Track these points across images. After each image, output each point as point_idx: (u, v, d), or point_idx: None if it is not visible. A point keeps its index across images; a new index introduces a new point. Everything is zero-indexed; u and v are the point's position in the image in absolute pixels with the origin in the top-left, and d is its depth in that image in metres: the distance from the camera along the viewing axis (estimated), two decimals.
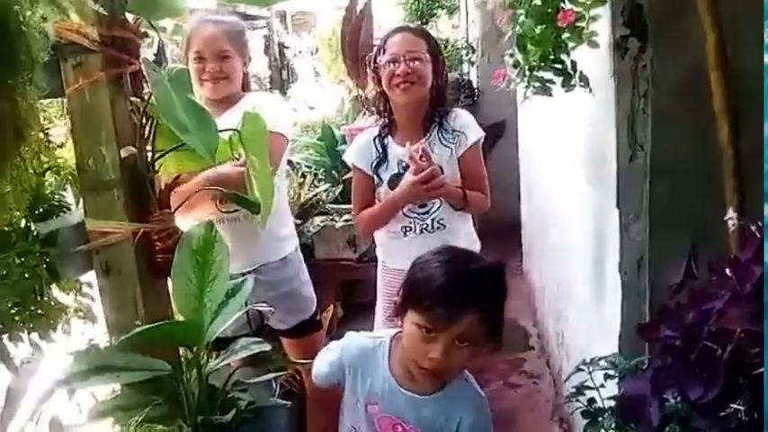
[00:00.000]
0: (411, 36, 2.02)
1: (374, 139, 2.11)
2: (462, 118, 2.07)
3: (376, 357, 1.38)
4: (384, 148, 2.08)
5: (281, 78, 6.76)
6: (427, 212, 2.03)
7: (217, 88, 2.09)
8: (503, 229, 4.07)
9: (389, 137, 2.10)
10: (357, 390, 1.39)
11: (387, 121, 2.12)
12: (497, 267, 1.29)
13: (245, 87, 2.24)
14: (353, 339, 1.46)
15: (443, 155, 2.01)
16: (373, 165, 2.09)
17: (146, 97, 1.44)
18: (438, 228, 2.03)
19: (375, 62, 2.04)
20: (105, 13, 1.25)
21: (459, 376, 1.35)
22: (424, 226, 2.04)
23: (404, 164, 2.01)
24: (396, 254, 2.09)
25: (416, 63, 1.95)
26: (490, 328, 1.24)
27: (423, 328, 1.20)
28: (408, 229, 2.05)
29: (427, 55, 1.99)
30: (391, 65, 1.96)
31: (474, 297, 1.19)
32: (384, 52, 2.00)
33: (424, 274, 1.25)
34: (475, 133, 2.05)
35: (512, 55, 1.60)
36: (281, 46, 6.85)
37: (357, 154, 2.13)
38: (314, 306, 2.33)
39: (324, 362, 1.49)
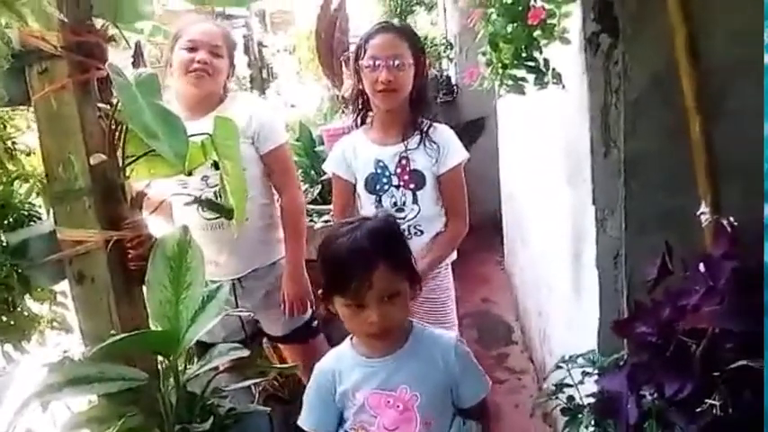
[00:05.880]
0: (394, 38, 1.93)
1: (351, 142, 2.08)
2: (445, 133, 2.02)
3: (345, 350, 1.42)
4: (361, 147, 2.04)
5: (261, 77, 6.71)
6: (404, 218, 1.97)
7: (201, 83, 2.04)
8: (485, 224, 4.07)
9: (366, 136, 2.06)
10: (347, 387, 1.38)
11: (362, 119, 2.09)
12: (385, 221, 1.37)
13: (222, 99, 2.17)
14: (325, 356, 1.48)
15: (426, 163, 1.97)
16: (351, 167, 2.06)
17: (114, 103, 1.42)
18: (416, 233, 1.99)
19: (356, 61, 1.99)
20: (65, 20, 1.22)
21: (421, 329, 1.41)
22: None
23: (381, 163, 1.99)
24: None
25: (399, 72, 1.89)
26: (407, 274, 1.31)
27: (351, 305, 1.27)
28: None
29: (410, 58, 1.93)
30: (373, 71, 1.90)
31: (374, 256, 1.24)
32: (365, 52, 1.94)
33: (329, 262, 1.31)
34: (458, 155, 1.99)
35: (484, 53, 1.59)
36: (260, 45, 6.80)
37: (336, 162, 2.10)
38: (308, 312, 2.26)
39: (308, 400, 1.44)
